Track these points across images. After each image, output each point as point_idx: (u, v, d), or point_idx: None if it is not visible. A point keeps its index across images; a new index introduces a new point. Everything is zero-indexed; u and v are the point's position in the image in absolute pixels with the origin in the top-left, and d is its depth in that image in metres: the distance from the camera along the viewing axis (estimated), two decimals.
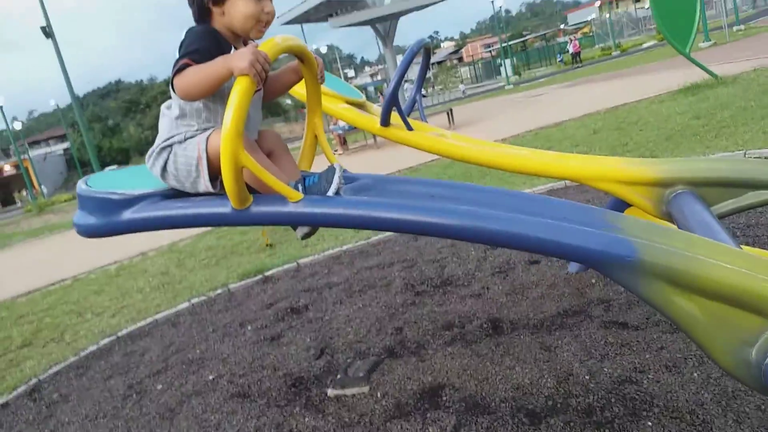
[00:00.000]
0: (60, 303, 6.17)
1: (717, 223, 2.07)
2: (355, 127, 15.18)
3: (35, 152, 52.90)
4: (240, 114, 1.44)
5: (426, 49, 3.04)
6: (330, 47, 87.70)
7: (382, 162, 11.79)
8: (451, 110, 16.15)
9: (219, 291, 5.02)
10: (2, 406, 3.69)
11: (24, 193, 32.91)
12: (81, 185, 1.75)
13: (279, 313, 4.04)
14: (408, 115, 3.02)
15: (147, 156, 1.73)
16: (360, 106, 3.20)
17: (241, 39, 1.68)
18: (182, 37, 1.66)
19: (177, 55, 1.61)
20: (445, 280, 3.96)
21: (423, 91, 3.19)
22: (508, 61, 40.19)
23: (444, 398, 2.51)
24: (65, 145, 60.59)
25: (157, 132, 1.76)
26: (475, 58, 71.92)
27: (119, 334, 4.50)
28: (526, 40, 72.34)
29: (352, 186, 1.84)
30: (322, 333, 3.56)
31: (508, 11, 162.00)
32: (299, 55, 1.78)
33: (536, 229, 1.60)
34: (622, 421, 2.09)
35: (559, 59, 48.65)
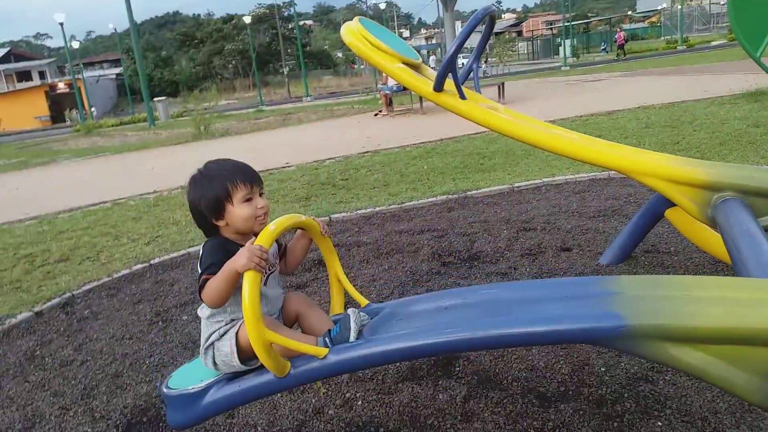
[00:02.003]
0: (98, 224, 6.37)
1: (762, 234, 2.02)
2: (402, 89, 15.06)
3: (89, 74, 53.81)
4: (253, 304, 1.64)
5: (491, 17, 2.97)
6: (388, 3, 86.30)
7: (425, 129, 11.71)
8: (502, 84, 15.84)
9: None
10: (37, 314, 3.87)
11: (74, 112, 33.57)
12: (163, 389, 1.99)
13: (306, 263, 4.10)
14: (462, 84, 2.99)
15: (200, 356, 1.97)
16: (415, 67, 3.16)
17: (250, 235, 1.89)
18: (200, 251, 1.90)
19: (199, 270, 1.84)
20: (473, 255, 3.96)
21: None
22: (568, 42, 38.97)
23: (457, 369, 2.54)
24: (118, 70, 61.40)
25: (206, 68, 1.83)
26: (534, 34, 70.02)
27: (152, 261, 4.64)
28: (590, 22, 69.92)
29: (374, 321, 1.98)
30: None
31: None
32: (296, 227, 2.03)
33: (532, 324, 1.67)
34: (632, 417, 2.10)
35: (602, 48, 46.97)
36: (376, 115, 16.08)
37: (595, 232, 4.11)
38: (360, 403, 2.40)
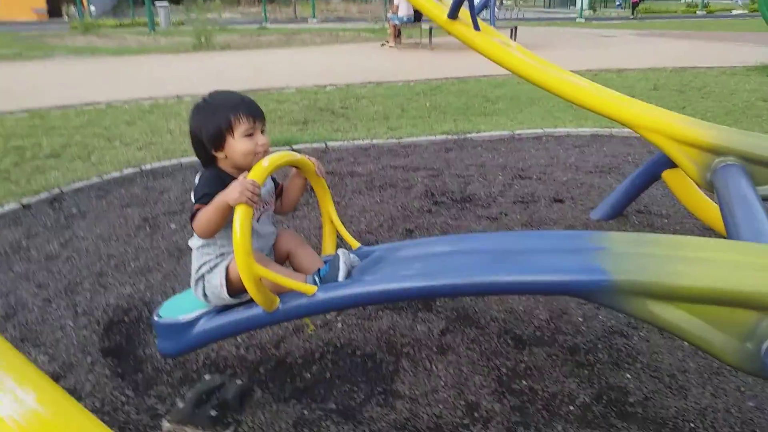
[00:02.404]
0: (91, 125, 6.26)
1: (758, 201, 2.02)
2: (413, 21, 14.63)
3: None
4: (244, 238, 1.64)
5: None
6: None
7: (431, 65, 11.47)
8: (515, 28, 15.43)
9: None
10: (24, 207, 3.85)
11: (72, 8, 32.37)
12: (154, 318, 2.00)
13: None
14: (477, 15, 2.90)
15: (191, 287, 1.97)
16: None
17: (246, 171, 1.85)
18: (195, 181, 1.87)
19: (193, 200, 1.82)
20: (466, 197, 3.96)
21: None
22: None
23: (437, 303, 2.58)
24: None
25: None
26: None
27: (143, 167, 4.60)
28: None
29: (363, 264, 1.99)
30: None
31: None
32: (291, 165, 1.98)
33: (516, 274, 1.67)
34: (603, 367, 2.15)
35: (617, 4, 46.22)
36: (382, 45, 15.68)
37: (590, 186, 4.11)
38: (340, 326, 2.44)
